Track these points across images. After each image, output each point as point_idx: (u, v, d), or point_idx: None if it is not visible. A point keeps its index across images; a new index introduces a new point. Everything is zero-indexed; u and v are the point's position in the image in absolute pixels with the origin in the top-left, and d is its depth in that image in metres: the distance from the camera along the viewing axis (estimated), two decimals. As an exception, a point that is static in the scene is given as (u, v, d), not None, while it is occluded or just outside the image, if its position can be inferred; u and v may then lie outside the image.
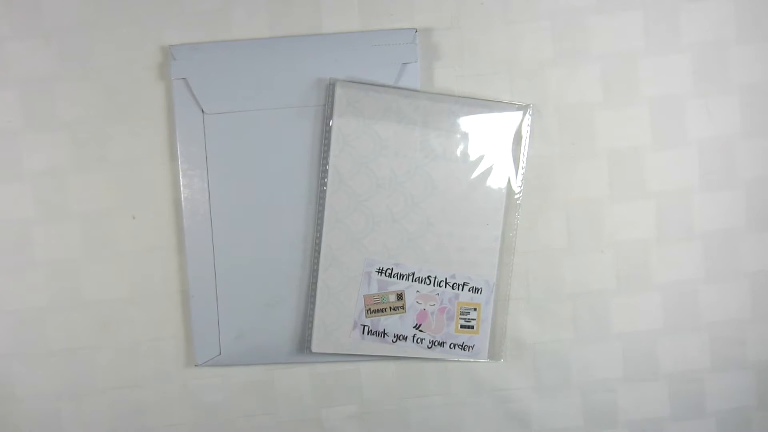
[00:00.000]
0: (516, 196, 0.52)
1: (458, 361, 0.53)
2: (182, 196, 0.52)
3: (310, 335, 0.52)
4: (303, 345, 0.52)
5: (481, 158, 0.51)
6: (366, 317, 0.52)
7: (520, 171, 0.52)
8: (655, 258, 0.54)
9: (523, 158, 0.52)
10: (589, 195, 0.53)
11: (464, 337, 0.52)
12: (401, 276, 0.52)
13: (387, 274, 0.52)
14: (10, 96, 0.51)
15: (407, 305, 0.52)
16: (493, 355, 0.53)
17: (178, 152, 0.51)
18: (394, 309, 0.52)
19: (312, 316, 0.52)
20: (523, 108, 0.51)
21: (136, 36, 0.51)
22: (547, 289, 0.54)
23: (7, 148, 0.52)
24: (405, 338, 0.52)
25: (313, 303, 0.52)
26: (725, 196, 0.53)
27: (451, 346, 0.52)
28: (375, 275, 0.52)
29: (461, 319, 0.52)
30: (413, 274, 0.52)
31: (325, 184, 0.51)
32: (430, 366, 0.54)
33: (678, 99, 0.53)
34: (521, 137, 0.51)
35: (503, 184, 0.52)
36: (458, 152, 0.51)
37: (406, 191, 0.51)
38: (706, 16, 0.52)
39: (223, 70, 0.51)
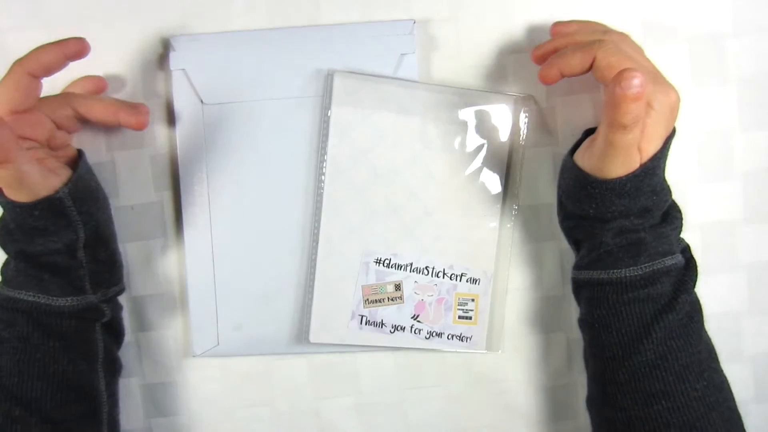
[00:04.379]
0: (514, 187, 0.52)
1: (456, 352, 0.53)
2: (181, 186, 0.52)
3: (308, 325, 0.52)
4: (301, 335, 0.52)
5: (479, 149, 0.51)
6: (364, 308, 0.52)
7: (518, 162, 0.52)
8: (653, 250, 0.54)
9: (521, 149, 0.52)
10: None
11: (462, 327, 0.52)
12: (399, 266, 0.52)
13: (385, 265, 0.52)
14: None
15: (405, 296, 0.52)
16: (491, 346, 0.53)
17: (177, 143, 0.51)
18: (392, 299, 0.52)
19: (310, 306, 0.52)
20: (521, 99, 0.51)
21: (135, 26, 0.51)
22: (546, 281, 0.54)
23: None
24: (403, 329, 0.52)
25: (311, 293, 0.52)
26: (723, 187, 0.54)
27: (449, 336, 0.53)
28: (373, 265, 0.52)
29: (459, 309, 0.52)
30: (411, 264, 0.52)
31: (323, 175, 0.51)
32: (428, 357, 0.54)
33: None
34: (519, 128, 0.52)
35: (501, 175, 0.52)
36: (456, 143, 0.51)
37: (404, 182, 0.51)
38: (702, 7, 0.52)
39: (222, 60, 0.51)
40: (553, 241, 0.53)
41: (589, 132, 0.49)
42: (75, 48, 0.44)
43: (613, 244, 0.45)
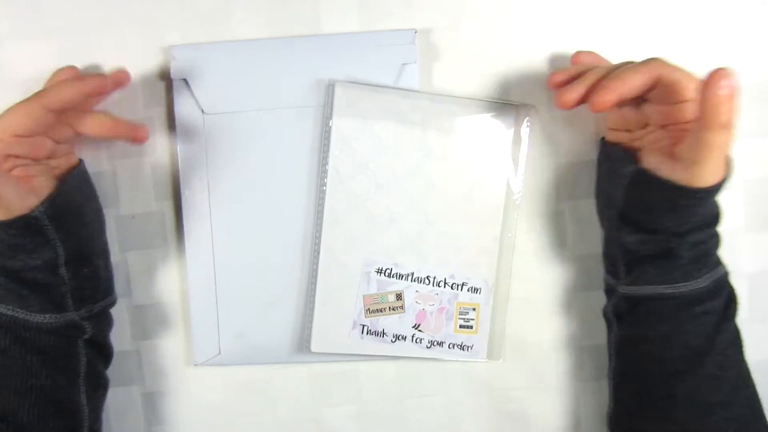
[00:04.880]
0: (515, 197, 0.52)
1: (457, 361, 0.53)
2: (182, 195, 0.52)
3: (310, 335, 0.52)
4: (302, 345, 0.53)
5: (480, 158, 0.51)
6: (365, 317, 0.52)
7: (520, 171, 0.52)
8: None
9: (522, 158, 0.52)
10: (588, 195, 0.53)
11: (463, 337, 0.53)
12: (400, 276, 0.52)
13: (386, 274, 0.52)
14: (10, 96, 0.51)
15: (406, 305, 0.52)
16: (492, 355, 0.53)
17: (178, 152, 0.51)
18: (393, 309, 0.52)
19: (311, 315, 0.52)
20: (523, 108, 0.51)
21: (136, 36, 0.51)
22: (547, 290, 0.54)
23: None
24: (404, 338, 0.52)
25: (313, 303, 0.52)
26: (724, 196, 0.53)
27: (450, 346, 0.53)
28: (374, 275, 0.52)
29: (460, 319, 0.52)
30: (412, 274, 0.52)
31: (324, 185, 0.51)
32: (429, 366, 0.54)
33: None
34: (520, 137, 0.51)
35: (502, 185, 0.52)
36: (457, 152, 0.51)
37: (405, 191, 0.51)
38: (704, 13, 0.52)
39: (223, 70, 0.51)
40: (555, 249, 0.53)
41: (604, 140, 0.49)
42: (95, 86, 0.45)
43: (686, 258, 0.44)
